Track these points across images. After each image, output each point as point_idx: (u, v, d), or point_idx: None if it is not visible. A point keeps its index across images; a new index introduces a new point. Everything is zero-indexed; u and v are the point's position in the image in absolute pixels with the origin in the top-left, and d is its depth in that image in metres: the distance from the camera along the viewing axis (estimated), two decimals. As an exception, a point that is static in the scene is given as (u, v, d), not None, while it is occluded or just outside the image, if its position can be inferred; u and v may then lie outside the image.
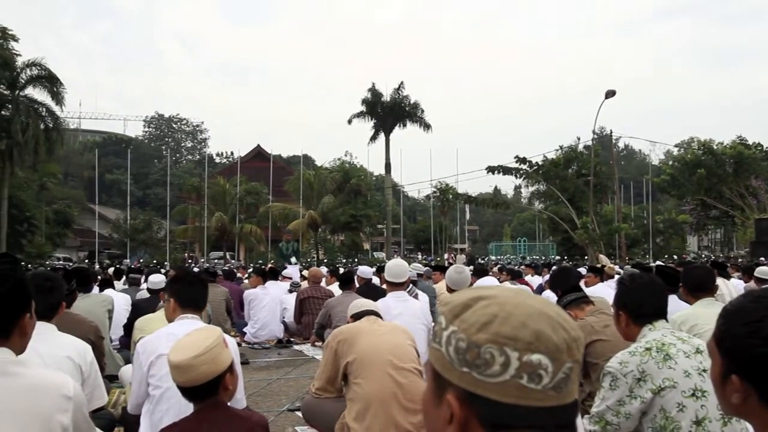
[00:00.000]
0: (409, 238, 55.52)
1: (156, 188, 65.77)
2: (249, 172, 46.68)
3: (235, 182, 43.51)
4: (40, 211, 41.14)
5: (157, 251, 43.14)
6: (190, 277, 4.00)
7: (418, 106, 46.65)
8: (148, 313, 5.78)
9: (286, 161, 65.92)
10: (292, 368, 7.36)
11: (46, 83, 34.12)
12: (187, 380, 2.36)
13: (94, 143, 74.49)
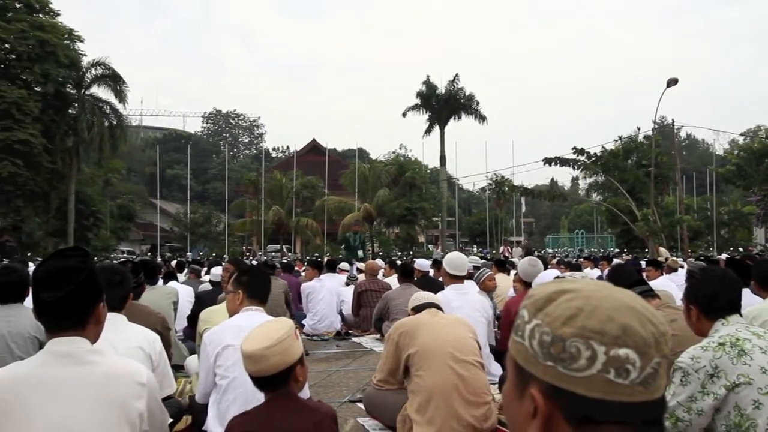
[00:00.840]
0: (464, 230, 55.19)
1: (214, 183, 67.05)
2: (305, 166, 47.15)
3: (292, 176, 44.00)
4: (105, 206, 42.47)
5: (216, 244, 44.03)
6: (256, 270, 4.08)
7: (473, 98, 46.28)
8: (210, 305, 5.88)
9: (341, 155, 66.30)
10: (351, 360, 7.42)
11: (110, 82, 35.15)
12: (258, 370, 2.40)
13: (155, 139, 76.45)
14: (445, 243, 47.71)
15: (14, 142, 30.19)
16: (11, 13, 32.77)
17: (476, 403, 3.92)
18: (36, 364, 2.07)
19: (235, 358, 3.57)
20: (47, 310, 2.06)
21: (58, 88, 33.92)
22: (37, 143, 31.33)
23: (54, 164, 33.73)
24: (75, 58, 34.60)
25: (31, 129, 31.09)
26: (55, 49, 32.41)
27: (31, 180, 31.76)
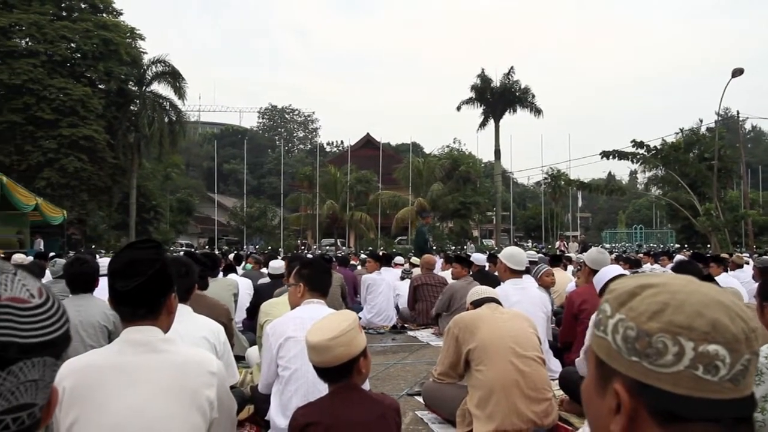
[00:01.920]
0: (519, 225, 54.59)
1: (270, 177, 67.95)
2: (359, 160, 47.35)
3: (346, 170, 44.26)
4: (165, 200, 43.55)
5: (272, 238, 44.64)
6: (317, 263, 4.12)
7: (529, 91, 45.70)
8: (269, 298, 5.97)
9: (394, 149, 66.33)
10: (408, 354, 7.43)
11: (169, 79, 36.00)
12: (323, 361, 2.43)
13: (213, 135, 77.85)
14: (499, 237, 47.32)
15: (80, 138, 31.22)
16: (77, 14, 33.85)
17: (537, 399, 3.89)
18: (113, 351, 2.14)
19: (297, 349, 3.62)
20: (122, 299, 2.13)
21: (121, 85, 34.93)
22: (101, 139, 32.31)
23: (116, 159, 34.75)
24: (136, 56, 35.56)
25: (95, 125, 32.08)
26: (118, 48, 33.34)
27: (95, 175, 32.79)
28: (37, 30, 31.42)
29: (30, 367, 0.71)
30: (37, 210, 22.75)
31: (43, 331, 0.73)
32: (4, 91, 31.40)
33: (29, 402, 0.72)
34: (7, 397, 0.69)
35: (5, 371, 0.69)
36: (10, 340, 0.69)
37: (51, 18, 32.48)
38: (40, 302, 0.74)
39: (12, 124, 30.75)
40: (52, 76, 31.40)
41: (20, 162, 30.78)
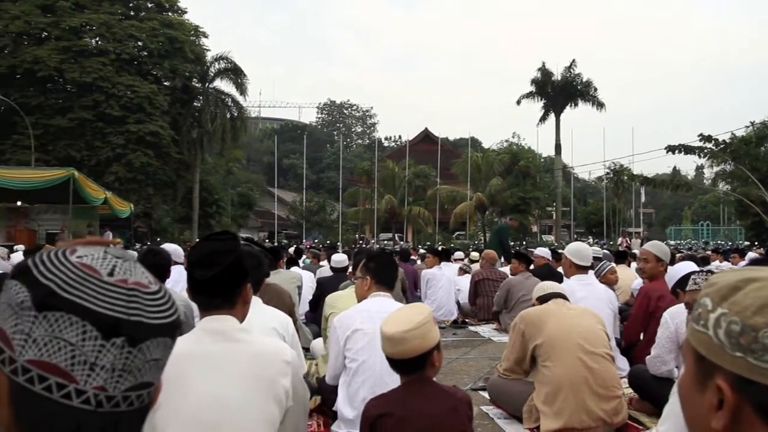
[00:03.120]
0: (580, 221, 53.64)
1: (329, 172, 68.55)
2: (417, 155, 47.33)
3: (404, 165, 44.31)
4: (227, 194, 44.46)
5: (330, 232, 45.09)
6: (384, 256, 4.15)
7: (591, 84, 44.79)
8: (332, 290, 6.03)
9: (453, 144, 66.03)
10: (470, 348, 7.41)
11: (231, 75, 36.73)
12: (397, 352, 2.45)
13: (273, 130, 79.04)
14: (559, 233, 46.65)
15: (146, 134, 32.15)
16: (144, 13, 34.87)
17: (606, 397, 3.82)
18: (192, 340, 2.20)
19: (364, 341, 3.66)
20: (200, 288, 2.19)
21: (185, 82, 35.79)
22: (166, 135, 33.20)
23: (181, 155, 35.66)
24: (200, 53, 36.39)
25: (160, 122, 32.99)
26: (183, 46, 34.18)
27: (160, 169, 33.72)
28: (106, 29, 32.48)
29: (154, 347, 0.75)
30: (106, 203, 23.52)
31: (163, 313, 0.77)
32: (76, 89, 32.60)
33: (150, 381, 0.77)
34: (134, 374, 0.74)
35: (136, 348, 0.73)
36: (139, 319, 0.73)
37: (120, 17, 33.53)
38: (157, 289, 0.79)
39: (83, 120, 31.88)
40: (120, 74, 32.41)
41: (90, 157, 31.88)
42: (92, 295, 0.72)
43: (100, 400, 0.72)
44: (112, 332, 0.72)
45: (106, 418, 0.73)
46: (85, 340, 0.71)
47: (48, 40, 32.26)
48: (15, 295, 0.74)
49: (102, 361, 0.71)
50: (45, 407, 0.71)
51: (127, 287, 0.75)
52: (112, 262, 0.77)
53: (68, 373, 0.71)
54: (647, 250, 5.69)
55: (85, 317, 0.71)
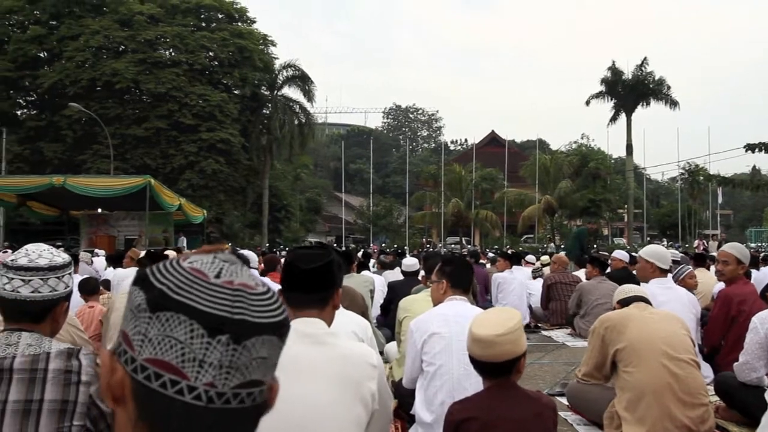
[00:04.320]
0: (653, 223, 52.13)
1: (395, 176, 68.76)
2: (484, 158, 47.01)
3: (471, 168, 44.05)
4: (295, 200, 45.18)
5: (397, 236, 45.17)
6: (460, 260, 4.14)
7: (664, 83, 43.50)
8: (403, 294, 6.03)
9: (520, 146, 65.26)
10: (543, 353, 7.30)
11: (299, 82, 37.40)
12: (487, 355, 2.43)
13: (339, 135, 79.84)
14: (631, 236, 45.47)
15: (217, 142, 33.06)
16: (215, 24, 35.87)
17: (692, 404, 3.69)
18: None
19: (441, 345, 3.64)
20: (298, 283, 2.23)
21: (254, 90, 36.63)
22: (236, 142, 34.06)
23: (250, 161, 36.49)
24: (269, 61, 37.20)
25: (231, 129, 33.86)
26: (252, 54, 35.03)
27: (231, 176, 34.59)
28: (179, 41, 33.58)
29: (260, 345, 0.77)
30: (181, 210, 24.22)
31: (269, 313, 0.78)
32: (151, 100, 33.78)
33: (259, 379, 0.78)
34: (242, 371, 0.76)
35: (240, 346, 0.75)
36: (243, 318, 0.76)
37: (192, 29, 34.61)
38: (264, 290, 0.81)
39: (158, 129, 33.04)
40: (193, 84, 33.44)
41: (165, 165, 32.97)
42: (199, 296, 0.76)
43: (211, 396, 0.74)
44: (217, 330, 0.75)
45: (218, 415, 0.75)
46: (192, 338, 0.75)
47: (125, 53, 33.59)
48: (134, 300, 0.79)
49: (209, 358, 0.74)
50: (161, 403, 0.75)
51: (233, 288, 0.77)
52: (219, 266, 0.80)
53: (180, 370, 0.75)
54: (727, 252, 5.49)
55: (192, 316, 0.75)
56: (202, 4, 35.33)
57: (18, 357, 1.99)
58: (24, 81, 33.95)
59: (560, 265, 9.80)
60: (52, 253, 2.16)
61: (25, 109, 37.37)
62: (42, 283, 2.08)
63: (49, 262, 2.11)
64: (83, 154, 32.85)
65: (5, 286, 2.07)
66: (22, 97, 36.74)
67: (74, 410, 2.00)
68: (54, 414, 1.97)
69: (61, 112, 32.79)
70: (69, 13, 34.12)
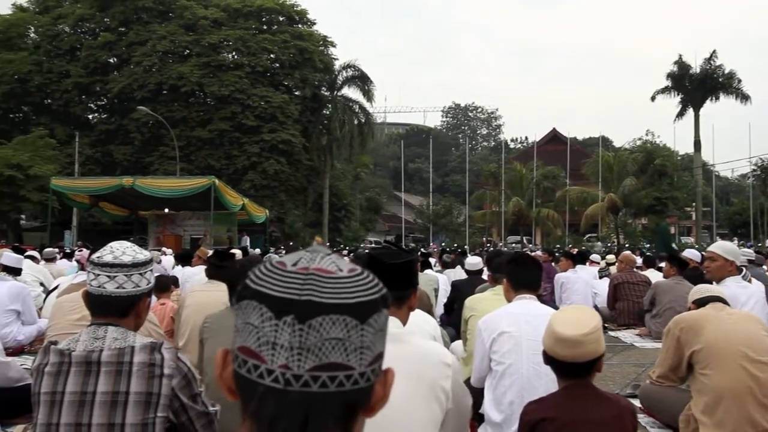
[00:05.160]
0: (722, 221, 50.41)
1: (454, 175, 68.47)
2: (545, 156, 46.33)
3: (532, 167, 43.51)
4: (355, 199, 45.45)
5: (457, 235, 44.93)
6: (525, 258, 4.09)
7: (734, 76, 41.93)
8: (467, 293, 5.99)
9: (582, 143, 64.07)
10: (612, 354, 7.13)
11: (359, 82, 37.64)
12: (571, 356, 2.39)
13: (398, 135, 79.94)
14: (699, 235, 44.07)
15: (279, 143, 33.59)
16: (276, 26, 36.43)
17: (775, 408, 3.55)
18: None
19: (510, 344, 3.60)
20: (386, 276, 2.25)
21: (315, 91, 37.05)
22: (297, 143, 34.51)
23: (311, 161, 36.92)
24: (329, 62, 37.58)
25: (292, 130, 34.35)
26: (312, 56, 35.47)
27: (292, 176, 35.08)
28: (242, 44, 34.28)
29: (329, 325, 0.77)
30: (244, 210, 24.76)
31: (342, 294, 0.78)
32: (215, 102, 34.56)
33: (340, 362, 0.77)
34: (315, 353, 0.76)
35: (305, 325, 0.76)
36: (309, 299, 0.77)
37: (254, 32, 35.23)
38: (346, 275, 0.81)
39: (221, 131, 33.79)
40: (255, 86, 34.07)
41: (228, 166, 33.67)
42: (272, 282, 0.79)
43: (288, 378, 0.75)
44: (283, 311, 0.76)
45: (299, 398, 0.76)
46: (263, 322, 0.77)
47: (190, 57, 34.49)
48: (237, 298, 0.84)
49: (280, 339, 0.76)
50: (250, 389, 0.78)
51: (306, 273, 0.79)
52: (300, 256, 0.83)
53: (258, 354, 0.77)
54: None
55: (262, 301, 0.78)
56: (264, 7, 35.92)
57: (105, 350, 2.06)
58: (95, 86, 35.20)
59: (627, 264, 9.58)
60: (135, 250, 2.24)
61: (96, 113, 38.78)
62: (126, 279, 2.15)
63: (132, 259, 2.18)
64: (150, 156, 33.87)
65: (92, 282, 2.15)
66: (93, 102, 38.13)
67: (158, 402, 2.06)
68: (140, 405, 2.03)
69: (129, 116, 33.92)
70: (137, 20, 35.25)
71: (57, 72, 34.61)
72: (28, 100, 35.09)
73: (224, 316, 3.44)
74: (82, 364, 2.04)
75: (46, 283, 8.82)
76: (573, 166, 43.42)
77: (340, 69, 37.96)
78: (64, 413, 2.02)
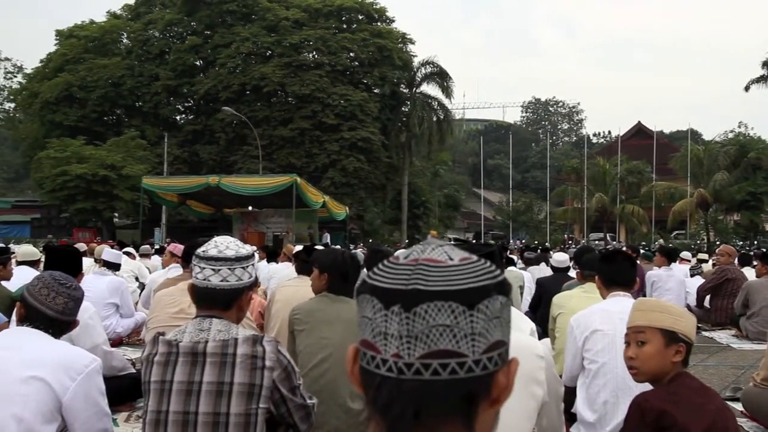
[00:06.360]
0: (825, 218, 47.59)
1: (534, 171, 67.39)
2: (629, 150, 44.97)
3: (615, 162, 42.32)
4: (433, 196, 45.34)
5: (537, 232, 44.25)
6: (618, 256, 3.98)
7: (839, 60, 39.40)
8: (553, 291, 5.88)
9: (669, 137, 61.86)
10: (707, 355, 6.87)
11: (437, 79, 37.56)
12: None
13: (477, 131, 79.32)
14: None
15: (358, 140, 33.92)
16: (355, 25, 36.77)
17: None
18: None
19: (604, 342, 3.52)
20: None
21: (393, 88, 37.19)
22: (376, 140, 34.76)
23: (390, 159, 37.10)
24: (407, 59, 37.65)
25: (371, 128, 34.61)
26: (391, 53, 35.62)
27: (371, 173, 35.34)
28: (322, 43, 34.79)
29: (435, 311, 0.77)
30: (325, 207, 25.11)
31: (449, 281, 0.78)
32: (296, 101, 35.19)
33: (450, 349, 0.77)
34: (423, 340, 0.76)
35: (411, 312, 0.77)
36: (415, 287, 0.78)
37: (334, 31, 35.68)
38: (456, 263, 0.81)
39: (302, 130, 34.40)
40: (335, 85, 34.51)
41: (309, 164, 34.24)
42: (383, 275, 0.81)
43: (400, 367, 0.76)
44: (390, 301, 0.78)
45: (413, 386, 0.76)
46: (375, 313, 0.79)
47: (272, 58, 35.23)
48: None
49: (390, 329, 0.77)
50: (370, 380, 0.80)
51: (415, 264, 0.80)
52: (413, 249, 0.84)
53: (373, 345, 0.79)
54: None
55: (373, 293, 0.80)
56: (344, 6, 36.31)
57: (210, 342, 2.13)
58: (182, 88, 36.47)
59: (731, 257, 9.17)
60: (238, 245, 2.30)
61: (183, 114, 40.19)
62: (230, 272, 2.22)
63: (236, 253, 2.25)
64: (234, 155, 34.83)
65: (197, 275, 2.22)
66: (180, 104, 39.53)
67: (260, 393, 2.12)
68: (243, 396, 2.09)
69: (214, 116, 34.97)
70: (221, 23, 36.28)
71: (147, 75, 36.09)
72: (120, 103, 36.68)
73: (312, 307, 3.50)
74: (188, 354, 2.12)
75: (141, 278, 9.23)
76: (659, 161, 41.99)
77: (418, 66, 37.99)
78: (172, 401, 2.10)
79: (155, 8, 38.56)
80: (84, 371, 2.38)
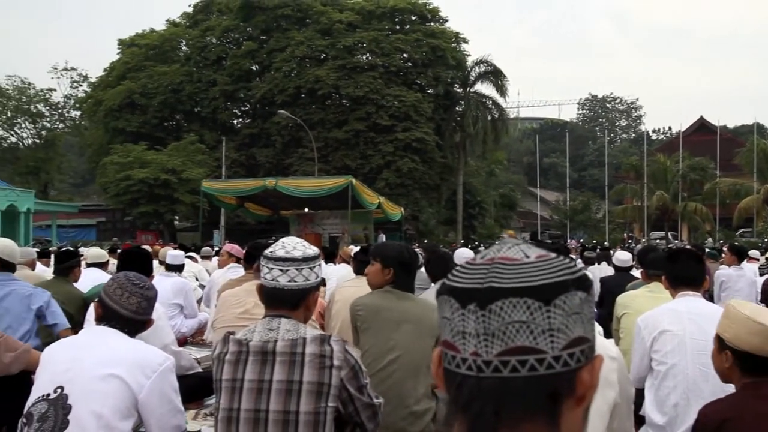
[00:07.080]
0: None
1: (591, 169, 66.16)
2: (691, 146, 43.73)
3: (677, 158, 41.20)
4: (489, 196, 45.00)
5: (596, 231, 43.42)
6: (684, 254, 3.88)
7: None
8: (617, 290, 5.74)
9: (733, 132, 59.83)
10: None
11: (491, 78, 37.30)
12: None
13: (532, 130, 78.35)
14: None
15: (412, 141, 33.96)
16: (408, 26, 36.84)
17: None
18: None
19: (673, 343, 3.43)
20: None
21: (447, 88, 37.12)
22: (430, 140, 34.72)
23: (444, 159, 37.00)
24: (461, 59, 37.51)
25: (425, 128, 34.60)
26: (444, 53, 35.54)
27: (425, 174, 35.31)
28: (375, 45, 34.96)
29: (510, 308, 0.77)
30: (380, 208, 25.20)
31: (523, 278, 0.78)
32: (350, 103, 35.44)
33: (527, 345, 0.77)
34: (500, 337, 0.77)
35: (486, 310, 0.77)
36: (490, 285, 0.78)
37: (387, 33, 35.80)
38: (533, 260, 0.81)
39: (357, 132, 34.63)
40: (389, 86, 34.63)
41: (363, 165, 34.44)
42: (460, 276, 0.82)
43: (479, 365, 0.77)
44: (467, 300, 0.79)
45: (492, 383, 0.77)
46: (453, 313, 0.80)
47: (326, 61, 35.59)
48: None
49: (468, 328, 0.78)
50: (451, 378, 0.81)
51: (491, 263, 0.81)
52: (490, 249, 0.84)
53: (453, 344, 0.80)
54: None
55: (451, 294, 0.81)
56: (397, 7, 36.42)
57: (279, 341, 2.17)
58: (239, 93, 37.21)
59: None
60: (304, 245, 2.34)
61: (240, 118, 40.98)
62: (297, 273, 2.25)
63: (303, 254, 2.28)
64: (290, 158, 35.30)
65: (266, 276, 2.26)
66: (237, 108, 40.34)
67: (329, 392, 2.14)
68: (312, 394, 2.12)
69: (271, 120, 35.53)
70: (277, 27, 36.86)
71: (205, 81, 36.97)
72: (180, 109, 37.65)
73: (377, 303, 3.49)
74: (258, 353, 2.16)
75: (201, 280, 9.42)
76: (723, 156, 40.71)
77: (472, 65, 37.81)
78: (243, 399, 2.14)
79: (212, 15, 39.48)
80: (158, 369, 2.45)
